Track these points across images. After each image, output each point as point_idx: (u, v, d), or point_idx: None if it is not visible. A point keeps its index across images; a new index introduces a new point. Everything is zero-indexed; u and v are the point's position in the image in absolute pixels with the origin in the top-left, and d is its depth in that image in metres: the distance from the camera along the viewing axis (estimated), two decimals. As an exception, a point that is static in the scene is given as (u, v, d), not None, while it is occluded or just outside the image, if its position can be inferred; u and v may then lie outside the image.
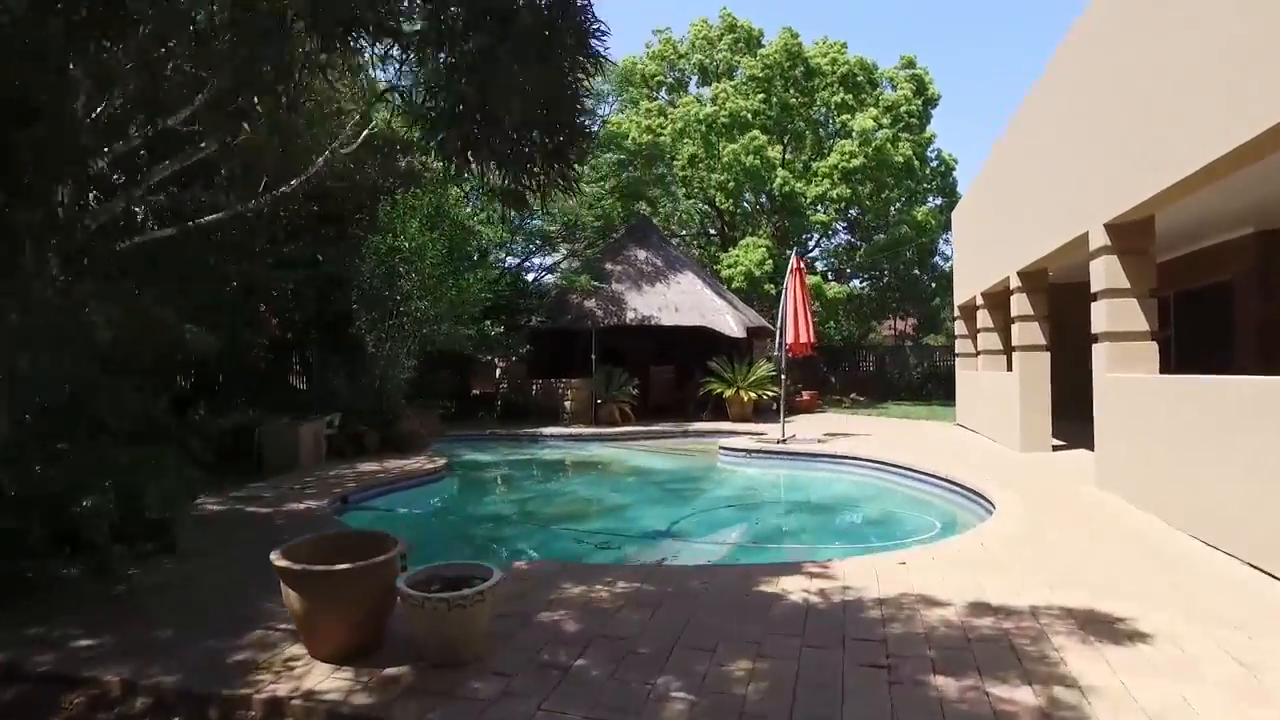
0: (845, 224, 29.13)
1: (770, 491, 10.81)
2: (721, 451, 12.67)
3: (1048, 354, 10.78)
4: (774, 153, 23.64)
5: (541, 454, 14.20)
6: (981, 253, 13.90)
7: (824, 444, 12.40)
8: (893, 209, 25.44)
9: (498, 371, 20.69)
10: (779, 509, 9.41)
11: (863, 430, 15.00)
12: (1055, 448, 10.81)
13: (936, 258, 28.04)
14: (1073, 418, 11.32)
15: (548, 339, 19.29)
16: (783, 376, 13.71)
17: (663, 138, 24.52)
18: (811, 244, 28.19)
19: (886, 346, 30.47)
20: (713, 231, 28.61)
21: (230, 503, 7.56)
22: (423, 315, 10.96)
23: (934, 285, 27.56)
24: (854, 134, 23.26)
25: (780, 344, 13.38)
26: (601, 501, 9.80)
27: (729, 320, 18.16)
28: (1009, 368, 11.70)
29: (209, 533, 6.22)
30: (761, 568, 5.09)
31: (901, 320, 33.53)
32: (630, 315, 18.21)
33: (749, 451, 12.24)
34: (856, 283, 31.01)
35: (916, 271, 28.50)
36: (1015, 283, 11.00)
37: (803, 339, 13.33)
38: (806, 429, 15.25)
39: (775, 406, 21.92)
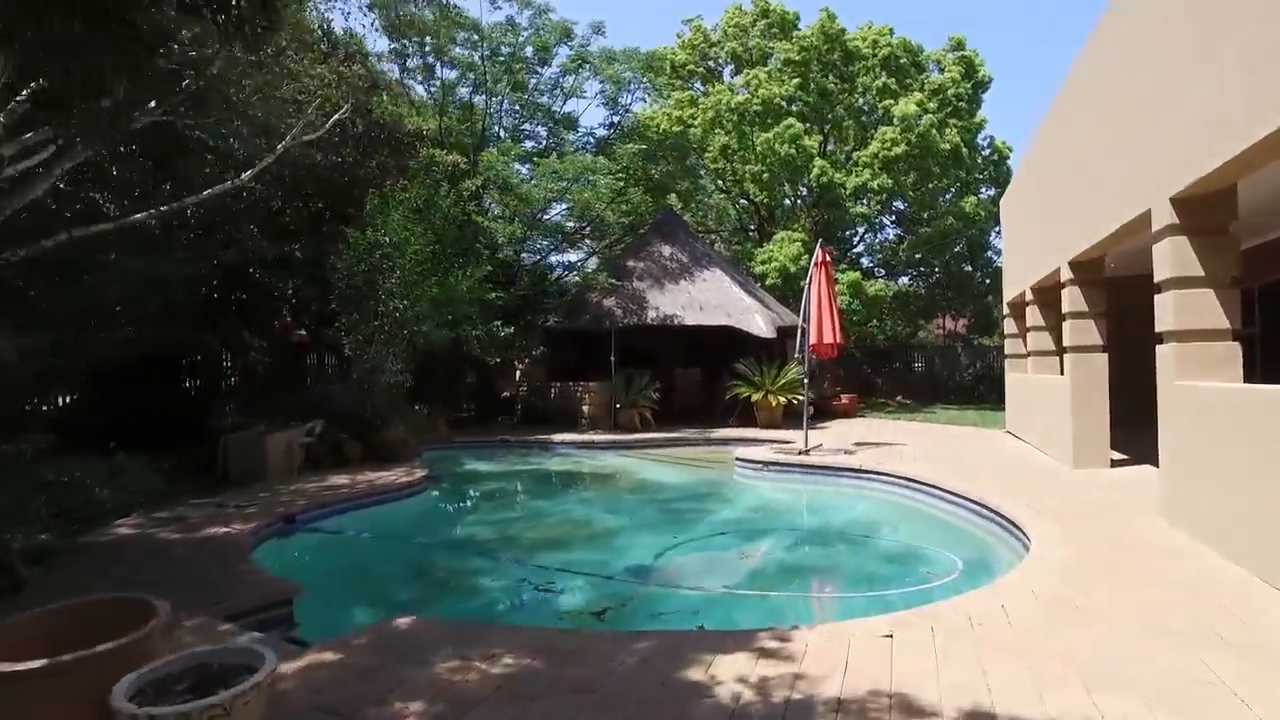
0: (890, 217, 27.54)
1: (776, 515, 9.57)
2: (737, 464, 11.50)
3: (1105, 355, 9.32)
4: (811, 142, 22.25)
5: (547, 464, 13.24)
6: (1030, 243, 12.40)
7: (850, 455, 11.13)
8: (941, 200, 23.70)
9: (517, 374, 19.87)
10: (778, 539, 8.17)
11: (900, 438, 13.64)
12: (1115, 462, 9.34)
13: (990, 252, 26.17)
14: (1138, 426, 9.83)
15: (571, 340, 18.36)
16: (805, 380, 12.45)
17: (693, 129, 23.39)
18: (856, 239, 26.64)
19: (936, 347, 28.68)
20: (752, 227, 27.29)
21: (151, 525, 6.78)
22: (401, 315, 10.09)
23: (987, 281, 25.69)
24: (895, 120, 21.66)
25: (803, 344, 12.14)
26: (590, 525, 8.74)
27: (758, 320, 16.94)
28: (1062, 371, 10.23)
29: (86, 567, 5.39)
30: (700, 638, 3.99)
31: (953, 319, 31.63)
32: (651, 314, 17.13)
33: (765, 464, 11.05)
34: (905, 279, 29.38)
35: (969, 267, 26.70)
36: (1067, 274, 9.56)
37: (827, 339, 12.07)
38: (837, 437, 13.96)
39: (812, 406, 20.66)
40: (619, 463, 13.26)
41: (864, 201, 22.85)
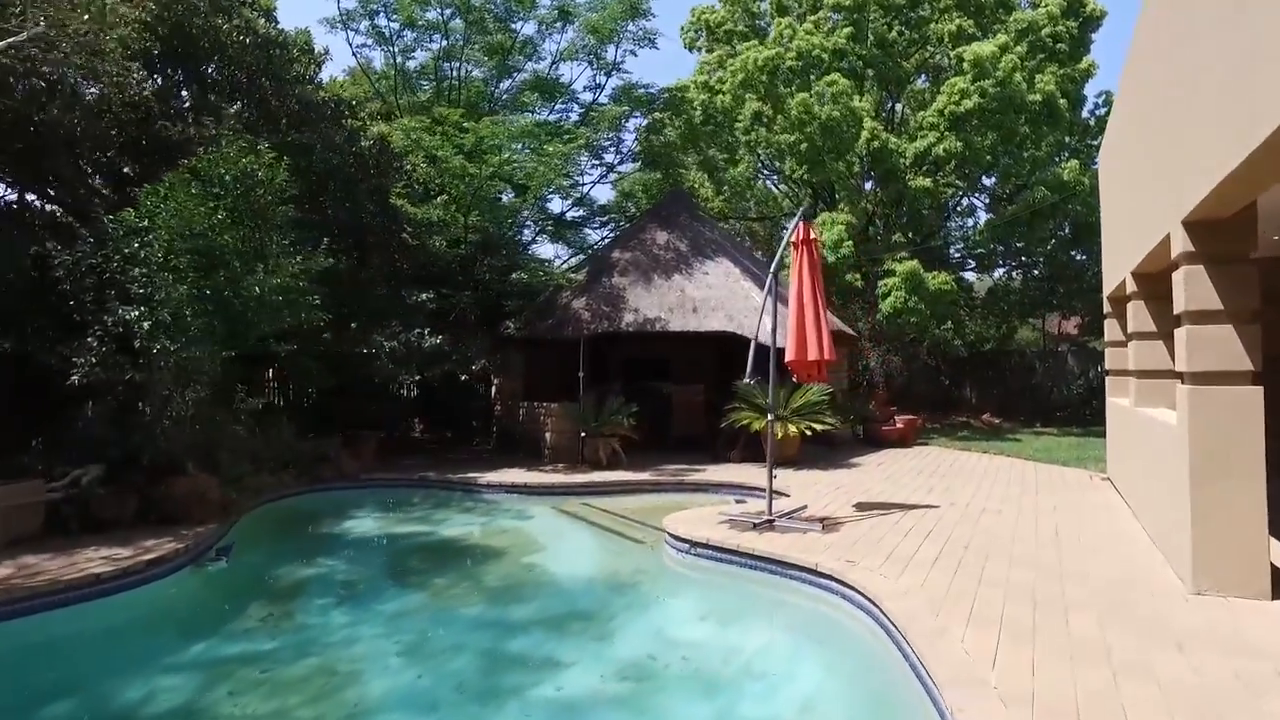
0: (981, 196, 22.67)
1: (653, 671, 5.51)
2: (667, 540, 7.81)
3: (1254, 387, 5.13)
4: (863, 103, 18.00)
5: (434, 527, 9.94)
6: (1133, 204, 8.04)
7: (829, 529, 7.30)
8: (1034, 170, 18.68)
9: (492, 390, 16.79)
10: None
11: (940, 491, 9.57)
12: None
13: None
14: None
15: (563, 350, 15.09)
16: (770, 411, 8.60)
17: (722, 94, 19.63)
18: (935, 222, 21.91)
19: (1035, 352, 23.52)
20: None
21: None
22: (137, 326, 7.04)
23: (1099, 270, 20.50)
24: (967, 65, 16.99)
25: (757, 361, 8.35)
26: (357, 681, 5.24)
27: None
28: (1178, 407, 6.00)
29: None
30: None
31: (1063, 318, 26.14)
32: (628, 318, 13.60)
33: (694, 544, 7.33)
34: (1000, 272, 24.37)
35: (1081, 255, 21.50)
36: (1181, 245, 5.40)
37: (812, 354, 8.25)
38: (847, 485, 10.04)
39: (858, 433, 16.48)
40: (534, 526, 9.87)
41: (928, 169, 18.16)
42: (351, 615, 6.61)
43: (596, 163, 16.68)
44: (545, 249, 19.68)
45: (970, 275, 25.15)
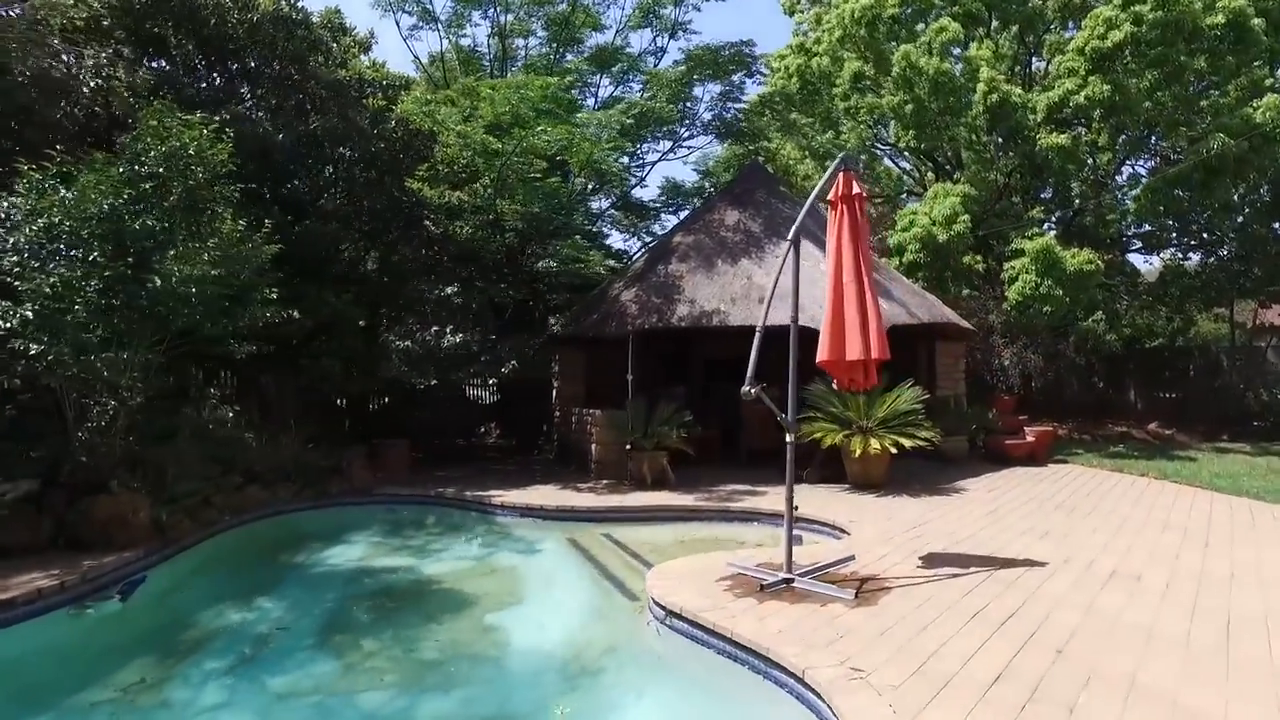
0: (1144, 159, 18.73)
1: None
2: (651, 602, 5.82)
3: None
4: (980, 51, 14.98)
5: (421, 559, 8.42)
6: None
7: (862, 601, 5.10)
8: (1207, 112, 14.70)
9: (553, 394, 15.33)
10: None
11: (1054, 535, 6.99)
12: None
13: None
14: None
15: (622, 350, 13.34)
16: (787, 417, 6.35)
17: (818, 57, 17.18)
18: (1088, 191, 18.19)
19: (1221, 348, 19.13)
20: (931, 174, 19.82)
21: None
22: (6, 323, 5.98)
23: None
24: (1114, -13, 13.50)
25: (756, 360, 6.11)
26: None
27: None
28: None
29: None
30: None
31: (1263, 306, 21.31)
32: (682, 311, 11.63)
33: (667, 614, 5.33)
34: (1171, 252, 20.13)
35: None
36: None
37: (854, 352, 6.05)
38: (932, 522, 7.64)
39: (980, 444, 13.48)
40: (532, 565, 8.17)
41: (1064, 124, 14.62)
42: (229, 691, 5.16)
43: (660, 135, 14.75)
44: (615, 240, 17.98)
45: (1136, 258, 21.08)
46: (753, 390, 5.56)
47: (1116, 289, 17.55)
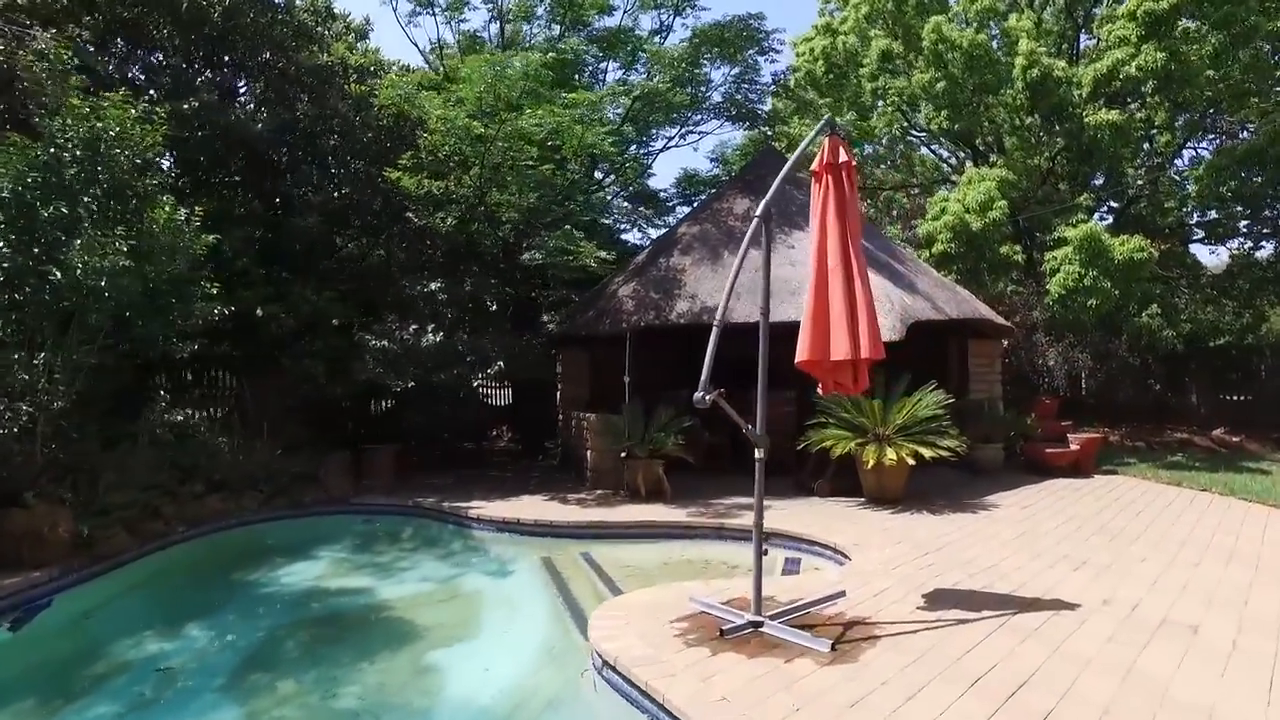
0: (1206, 140, 17.15)
1: None
2: (592, 654, 4.91)
3: None
4: (1019, 22, 13.70)
5: (380, 579, 7.64)
6: None
7: (838, 657, 4.14)
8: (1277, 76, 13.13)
9: (557, 396, 14.55)
10: None
11: (1093, 564, 5.90)
12: None
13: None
14: None
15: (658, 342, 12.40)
16: (754, 439, 5.29)
17: (844, 36, 16.10)
18: (1144, 173, 16.64)
19: (1296, 346, 17.40)
20: (969, 162, 18.45)
21: None
22: None
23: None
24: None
25: (711, 360, 5.07)
26: None
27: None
28: None
29: None
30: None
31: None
32: (681, 307, 10.71)
33: (604, 665, 4.45)
34: (1236, 243, 18.41)
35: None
36: None
37: (836, 352, 5.08)
38: (950, 546, 6.58)
39: (1020, 452, 12.21)
40: (497, 589, 7.37)
41: (1113, 99, 13.19)
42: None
43: (665, 121, 13.81)
44: (630, 235, 17.10)
45: (1200, 249, 19.38)
46: (706, 397, 4.59)
47: (1175, 282, 16.03)
